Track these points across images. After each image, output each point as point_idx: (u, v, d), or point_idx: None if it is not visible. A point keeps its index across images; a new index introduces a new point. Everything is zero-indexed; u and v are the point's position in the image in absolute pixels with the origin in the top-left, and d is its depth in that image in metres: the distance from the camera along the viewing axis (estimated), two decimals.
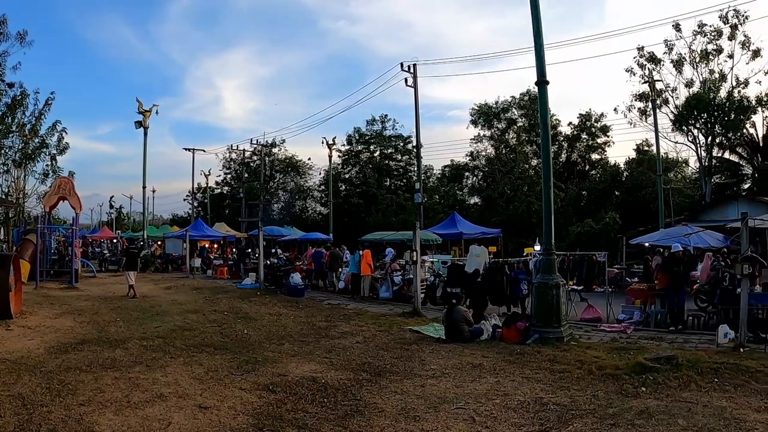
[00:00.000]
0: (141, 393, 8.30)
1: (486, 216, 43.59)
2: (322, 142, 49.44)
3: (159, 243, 47.23)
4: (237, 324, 15.25)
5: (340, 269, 24.94)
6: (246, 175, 61.92)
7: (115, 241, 53.77)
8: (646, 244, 21.84)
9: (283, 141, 64.07)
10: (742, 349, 11.96)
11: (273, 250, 35.13)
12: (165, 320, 15.71)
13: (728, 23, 39.81)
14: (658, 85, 41.71)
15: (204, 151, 63.41)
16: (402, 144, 58.03)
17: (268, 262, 28.08)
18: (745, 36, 39.81)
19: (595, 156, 51.41)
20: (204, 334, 13.56)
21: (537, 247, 18.31)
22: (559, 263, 19.34)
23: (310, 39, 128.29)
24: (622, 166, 49.32)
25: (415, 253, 17.71)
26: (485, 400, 8.10)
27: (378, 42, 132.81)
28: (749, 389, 8.87)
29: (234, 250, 39.96)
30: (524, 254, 23.60)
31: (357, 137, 59.39)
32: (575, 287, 18.34)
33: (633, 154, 48.46)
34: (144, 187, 45.86)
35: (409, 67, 37.86)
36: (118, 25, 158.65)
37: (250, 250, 35.95)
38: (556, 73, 65.28)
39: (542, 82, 14.27)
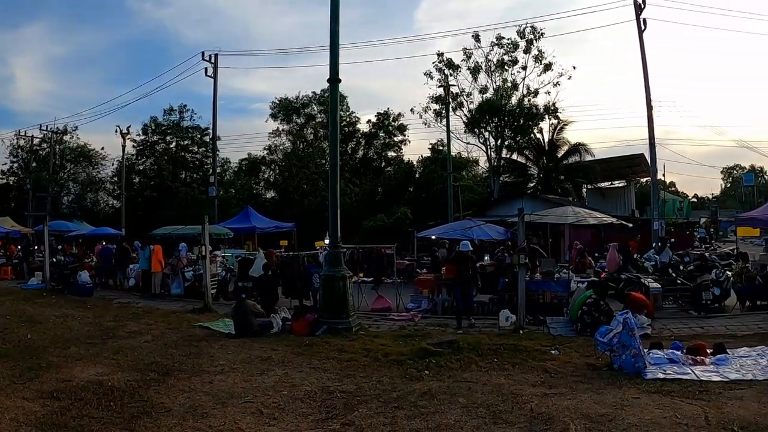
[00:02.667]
0: None
1: (282, 210, 43.33)
2: (116, 131, 46.53)
3: None
4: (20, 328, 13.92)
5: (130, 266, 23.55)
6: (34, 164, 56.82)
7: None
8: (433, 237, 22.72)
9: (76, 128, 59.41)
10: (521, 331, 12.93)
11: (60, 247, 32.53)
12: None
13: (524, 38, 43.48)
14: (454, 90, 44.48)
15: None
16: (199, 136, 55.92)
17: (55, 259, 25.91)
18: (539, 51, 43.87)
19: (391, 153, 52.85)
20: None
21: (327, 241, 18.43)
22: (348, 256, 19.70)
23: (114, 18, 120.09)
24: (416, 163, 51.09)
25: (204, 247, 17.17)
26: (273, 392, 8.14)
27: (185, 28, 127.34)
28: (526, 366, 9.56)
29: (19, 247, 36.46)
30: (316, 248, 23.72)
31: (153, 127, 56.34)
32: (365, 279, 18.63)
33: (428, 153, 50.68)
34: None
35: (210, 56, 36.90)
36: None
37: (36, 248, 33.03)
38: (363, 72, 66.65)
39: (334, 80, 14.38)
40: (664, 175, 69.42)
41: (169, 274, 21.28)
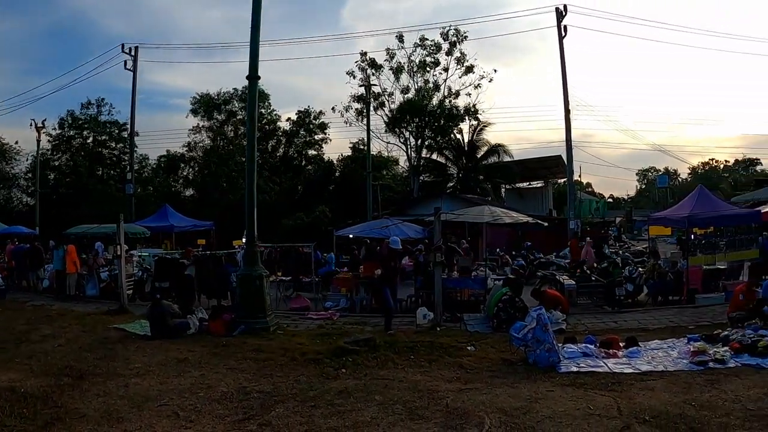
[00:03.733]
0: None
1: (201, 208, 42.43)
2: (31, 125, 44.51)
3: None
4: None
5: (43, 266, 22.52)
6: None
7: None
8: (350, 236, 22.61)
9: None
10: (438, 328, 13.02)
11: None
12: None
13: (448, 40, 44.09)
14: (376, 89, 44.85)
15: None
16: (117, 131, 54.03)
17: None
18: (462, 53, 44.55)
19: (312, 152, 52.45)
20: None
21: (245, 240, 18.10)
22: (267, 255, 19.40)
23: (32, 6, 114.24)
24: (336, 162, 50.95)
25: (119, 247, 16.59)
26: (189, 394, 7.99)
27: (107, 18, 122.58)
28: (442, 363, 9.64)
29: None
30: (234, 246, 23.28)
31: (70, 121, 53.99)
32: (283, 278, 18.40)
33: (349, 152, 50.61)
34: None
35: (130, 49, 35.87)
36: None
37: None
38: (287, 70, 65.91)
39: (254, 77, 14.14)
40: (580, 176, 71.59)
41: (84, 275, 20.48)
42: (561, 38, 30.67)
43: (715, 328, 11.73)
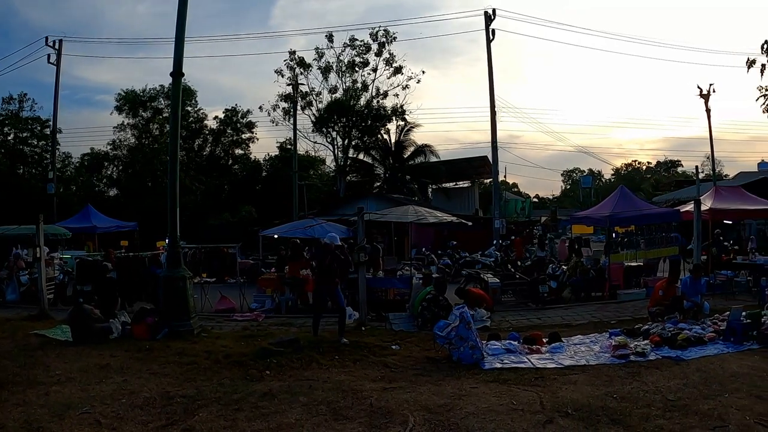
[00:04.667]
0: None
1: (125, 209, 41.30)
2: None
3: None
4: None
5: None
6: None
7: None
8: (275, 236, 22.32)
9: None
10: (363, 328, 13.00)
11: None
12: None
13: (377, 41, 44.35)
14: (304, 89, 44.87)
15: None
16: (39, 128, 51.91)
17: None
18: (390, 54, 44.89)
19: (239, 151, 51.73)
20: None
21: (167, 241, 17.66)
22: (190, 256, 19.01)
23: None
24: (263, 162, 50.49)
25: (39, 249, 15.93)
26: (111, 401, 7.76)
27: (31, 10, 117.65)
28: (367, 362, 9.66)
29: None
30: (158, 248, 22.71)
31: None
32: (208, 279, 18.06)
33: (277, 151, 50.17)
34: None
35: (54, 42, 34.70)
36: None
37: None
38: (216, 67, 64.79)
39: (178, 73, 13.74)
40: (505, 176, 72.73)
41: (4, 279, 19.60)
42: (489, 41, 31.29)
43: (636, 322, 12.17)
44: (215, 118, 50.89)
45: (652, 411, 6.81)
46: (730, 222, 22.95)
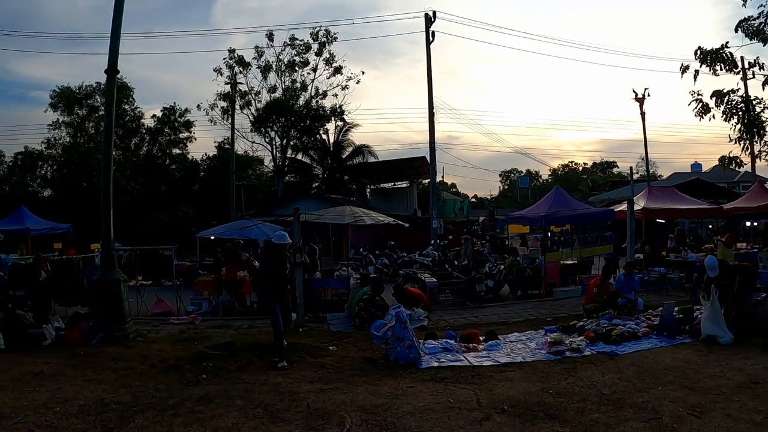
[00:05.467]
0: None
1: (60, 210, 40.11)
2: None
3: None
4: None
5: None
6: None
7: None
8: (212, 237, 22.03)
9: None
10: (301, 329, 13.01)
11: None
12: None
13: (318, 41, 44.08)
14: (243, 88, 44.33)
15: None
16: None
17: None
18: (331, 54, 44.62)
19: (176, 151, 50.79)
20: None
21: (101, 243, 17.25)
22: (126, 258, 18.62)
23: None
24: (201, 162, 49.73)
25: None
26: (45, 409, 7.59)
27: None
28: (304, 363, 9.66)
29: None
30: (93, 250, 22.16)
31: None
32: (144, 282, 17.70)
33: (215, 151, 49.59)
34: None
35: None
36: None
37: None
38: (153, 65, 63.53)
39: (112, 71, 13.52)
40: (443, 176, 73.39)
41: None
42: (428, 43, 31.41)
43: (572, 319, 12.42)
44: (153, 116, 49.90)
45: (587, 405, 6.97)
46: (663, 221, 23.61)
